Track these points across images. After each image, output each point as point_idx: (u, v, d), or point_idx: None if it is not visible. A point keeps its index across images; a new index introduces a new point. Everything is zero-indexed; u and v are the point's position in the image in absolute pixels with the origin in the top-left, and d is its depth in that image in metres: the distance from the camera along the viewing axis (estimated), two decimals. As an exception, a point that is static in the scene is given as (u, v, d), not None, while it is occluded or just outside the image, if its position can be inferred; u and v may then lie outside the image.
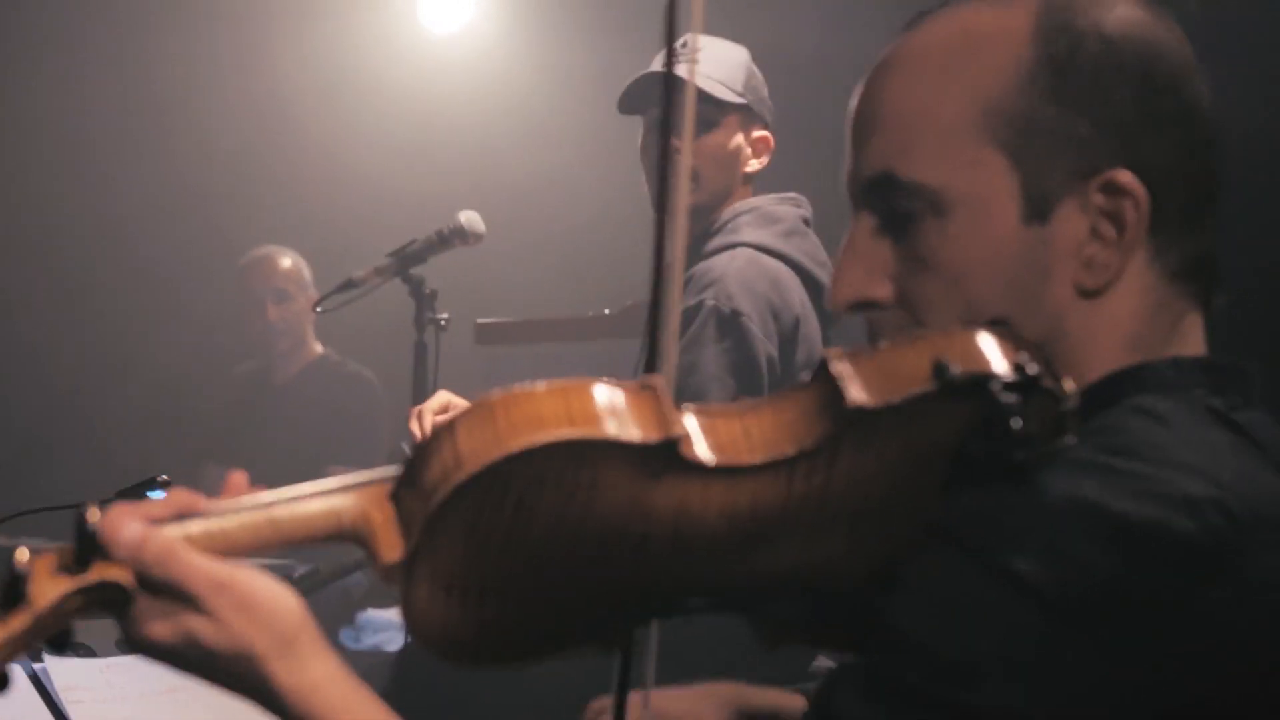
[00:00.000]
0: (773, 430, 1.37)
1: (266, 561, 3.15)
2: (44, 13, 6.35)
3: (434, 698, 3.30)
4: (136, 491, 1.84)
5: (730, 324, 3.47)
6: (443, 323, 4.27)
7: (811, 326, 3.62)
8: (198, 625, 1.32)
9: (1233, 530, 1.30)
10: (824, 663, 3.63)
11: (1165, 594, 1.27)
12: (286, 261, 6.02)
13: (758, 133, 3.76)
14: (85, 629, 2.31)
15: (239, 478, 1.42)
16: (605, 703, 1.98)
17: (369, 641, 4.78)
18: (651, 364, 1.49)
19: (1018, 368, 1.33)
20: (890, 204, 1.48)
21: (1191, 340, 1.51)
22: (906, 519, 1.40)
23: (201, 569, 1.32)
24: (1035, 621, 1.27)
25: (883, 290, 1.49)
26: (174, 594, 1.32)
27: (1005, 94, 1.45)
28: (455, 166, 3.86)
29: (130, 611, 1.33)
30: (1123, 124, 1.44)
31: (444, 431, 1.33)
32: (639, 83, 3.71)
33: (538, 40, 6.13)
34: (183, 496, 1.38)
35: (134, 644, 1.34)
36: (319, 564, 4.40)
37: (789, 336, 3.56)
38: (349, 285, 4.38)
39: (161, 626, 1.33)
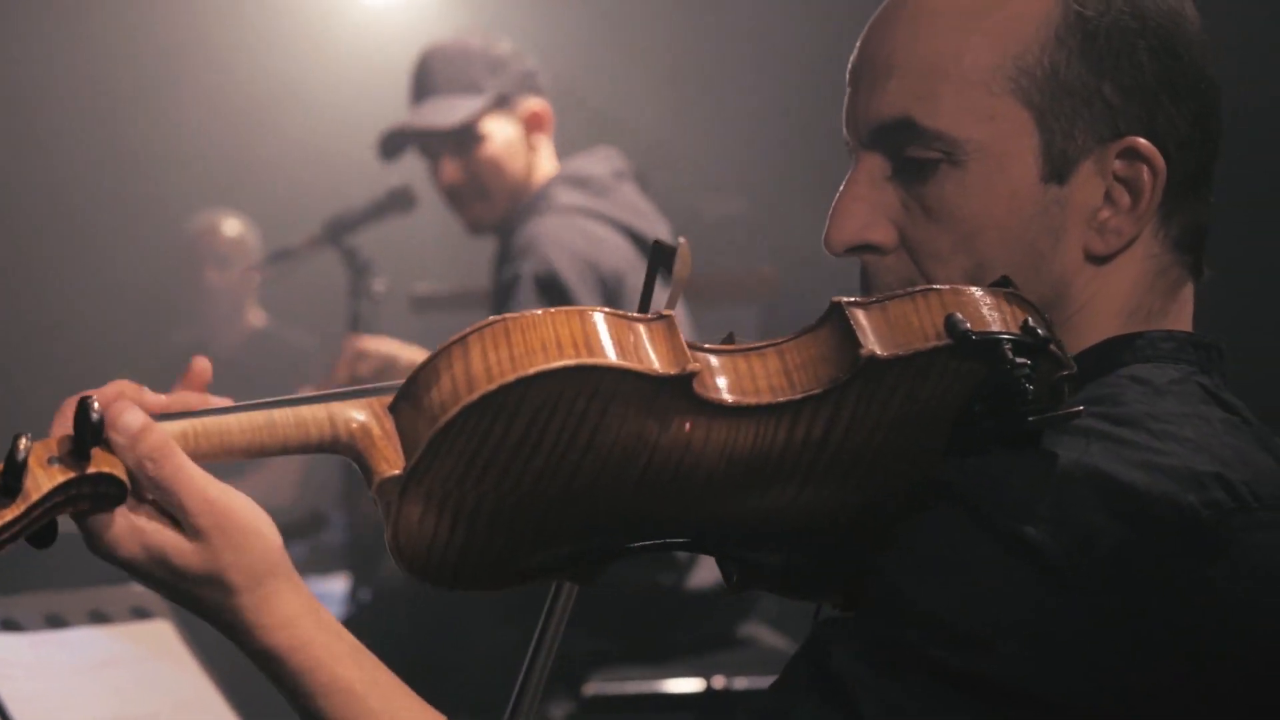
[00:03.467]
0: (780, 372, 1.35)
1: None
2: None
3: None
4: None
5: (550, 285, 3.49)
6: (378, 292, 4.25)
7: (638, 278, 3.60)
8: (173, 542, 1.29)
9: (1235, 506, 1.29)
10: (753, 628, 3.67)
11: (1169, 566, 1.26)
12: (228, 227, 6.00)
13: (528, 108, 3.76)
14: (12, 604, 2.28)
15: (204, 364, 1.40)
16: None
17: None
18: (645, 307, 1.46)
19: (1028, 329, 1.33)
20: (903, 150, 1.45)
21: (1185, 312, 1.50)
22: (902, 475, 1.39)
23: (193, 478, 1.28)
24: (1042, 588, 1.26)
25: (885, 235, 1.46)
26: (161, 496, 1.29)
27: (1032, 48, 1.42)
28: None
29: (109, 516, 1.29)
30: (1145, 90, 1.42)
31: (455, 348, 1.28)
32: (386, 139, 3.82)
33: (474, 11, 6.11)
34: (127, 387, 1.34)
35: (101, 551, 1.30)
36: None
37: (613, 291, 3.57)
38: (284, 254, 4.37)
39: (136, 538, 1.29)
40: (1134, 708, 1.28)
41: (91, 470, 1.27)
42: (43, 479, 1.25)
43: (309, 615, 1.32)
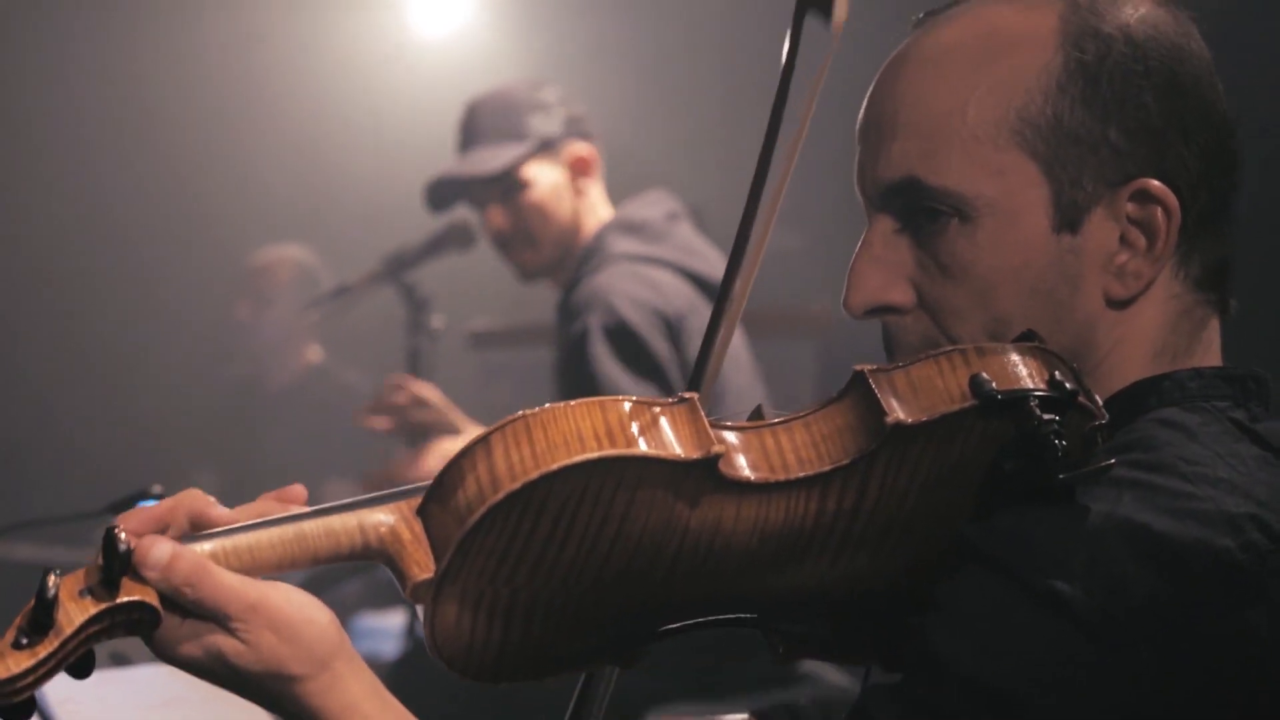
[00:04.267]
0: (807, 446, 1.34)
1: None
2: (41, 12, 6.32)
3: (431, 707, 3.29)
4: (129, 504, 1.78)
5: (620, 334, 3.48)
6: (436, 329, 4.25)
7: (701, 318, 3.60)
8: (229, 645, 1.30)
9: (1272, 548, 1.28)
10: (814, 664, 3.65)
11: (1208, 613, 1.26)
12: (279, 264, 6.01)
13: (574, 153, 3.75)
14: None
15: (300, 490, 1.41)
16: None
17: (364, 648, 4.75)
18: (692, 383, 1.47)
19: (1055, 384, 1.32)
20: (913, 209, 1.44)
21: (1212, 349, 1.49)
22: (936, 535, 1.38)
23: (233, 589, 1.29)
24: (1079, 645, 1.25)
25: (903, 295, 1.46)
26: (204, 614, 1.30)
27: (1035, 99, 1.42)
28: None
29: (157, 632, 1.30)
30: (1152, 131, 1.42)
31: (479, 448, 1.29)
32: (432, 189, 3.80)
33: (527, 47, 6.13)
34: (191, 498, 1.35)
35: (161, 654, 1.31)
36: (315, 569, 4.37)
37: (677, 332, 3.55)
38: (343, 291, 4.39)
39: (190, 647, 1.30)
40: None
41: (123, 599, 1.28)
42: (75, 612, 1.26)
43: (372, 699, 1.34)
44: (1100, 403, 1.35)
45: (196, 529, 1.34)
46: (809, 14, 1.46)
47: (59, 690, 1.98)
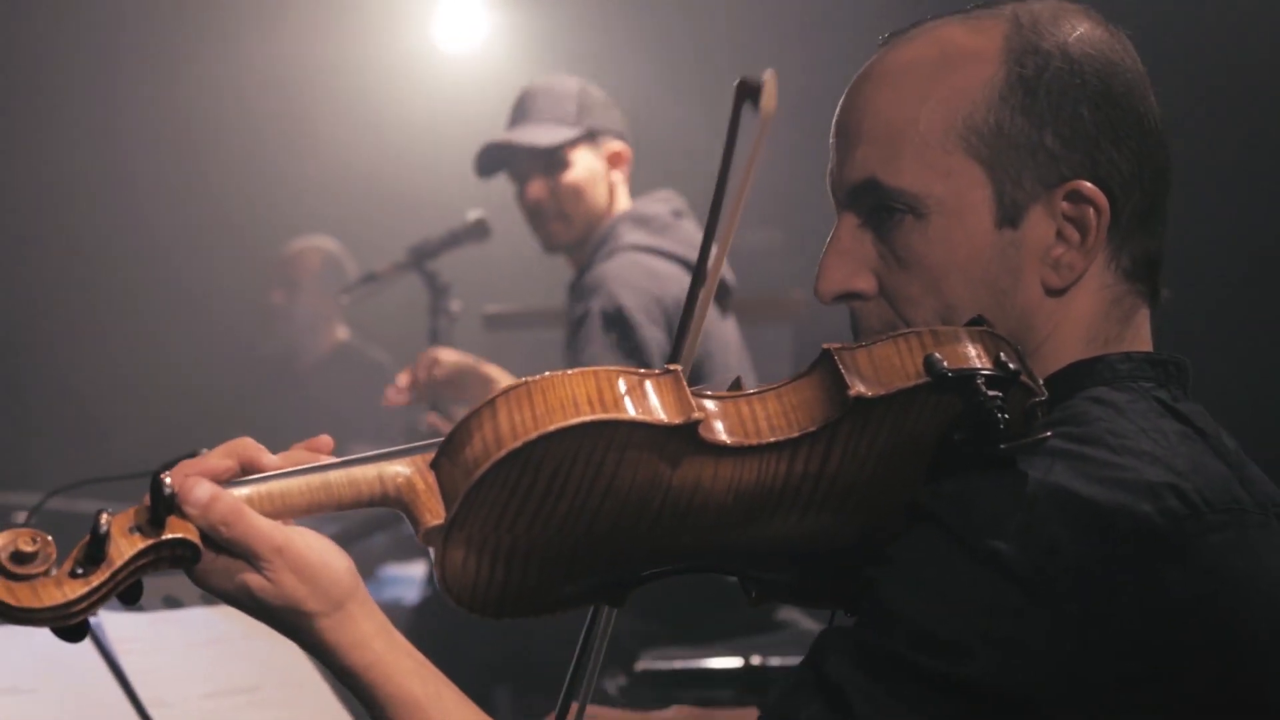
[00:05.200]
0: (778, 414, 1.37)
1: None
2: (85, 17, 6.33)
3: (447, 645, 3.35)
4: (175, 465, 1.82)
5: (615, 320, 3.51)
6: (454, 311, 4.27)
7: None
8: (256, 581, 1.33)
9: (1187, 513, 1.31)
10: (790, 612, 3.69)
11: (1129, 572, 1.28)
12: (309, 253, 6.01)
13: (611, 148, 3.78)
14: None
15: (327, 440, 1.43)
16: None
17: (388, 594, 4.79)
18: (675, 356, 1.51)
19: (1000, 364, 1.34)
20: (874, 207, 1.47)
21: (1141, 334, 1.51)
22: (893, 499, 1.40)
23: (263, 531, 1.32)
24: (1014, 598, 1.27)
25: (865, 283, 1.49)
26: (237, 552, 1.32)
27: (979, 109, 1.44)
28: (470, 172, 3.86)
29: (197, 566, 1.33)
30: (1086, 137, 1.44)
31: (485, 409, 1.32)
32: (484, 152, 3.80)
33: (541, 61, 6.13)
34: (244, 445, 1.38)
35: (199, 585, 1.35)
36: (346, 523, 4.41)
37: (673, 319, 3.56)
38: (370, 278, 4.39)
39: (224, 580, 1.34)
40: (1107, 706, 1.29)
41: (167, 536, 1.31)
42: (125, 546, 1.30)
43: (380, 636, 1.36)
44: (1040, 381, 1.37)
45: (246, 473, 1.37)
46: (745, 104, 1.51)
47: (118, 629, 1.99)
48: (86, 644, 1.88)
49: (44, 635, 1.34)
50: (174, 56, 6.43)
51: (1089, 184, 1.43)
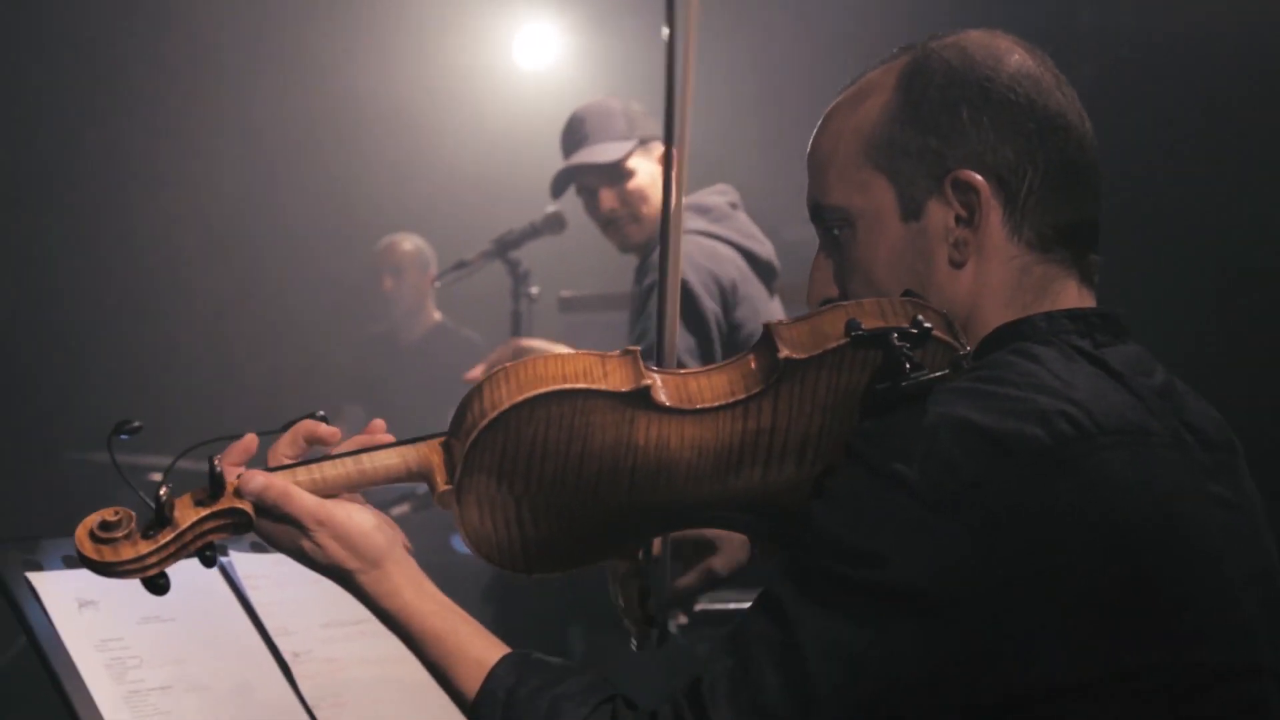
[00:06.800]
0: (727, 382, 1.43)
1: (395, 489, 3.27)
2: (222, 30, 6.38)
3: (526, 592, 3.35)
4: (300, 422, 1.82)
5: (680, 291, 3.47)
6: (534, 295, 4.27)
7: (751, 286, 3.62)
8: (305, 544, 1.44)
9: (1078, 436, 1.33)
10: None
11: (1020, 484, 1.30)
12: (407, 245, 6.05)
13: (660, 150, 3.73)
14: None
15: (380, 423, 1.54)
16: None
17: (463, 559, 4.80)
18: (660, 341, 1.59)
19: (915, 323, 1.40)
20: (824, 225, 1.55)
21: (1063, 296, 1.52)
22: (842, 446, 1.43)
23: (307, 507, 1.43)
24: (919, 513, 1.30)
25: (832, 290, 1.55)
26: (289, 523, 1.43)
27: (879, 128, 1.51)
28: (546, 171, 3.85)
29: (256, 530, 1.44)
30: (965, 135, 1.48)
31: (475, 391, 1.41)
32: (557, 177, 3.81)
33: (607, 77, 6.13)
34: (306, 425, 1.50)
35: (266, 541, 1.46)
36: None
37: (729, 295, 3.56)
38: (460, 265, 4.39)
39: (282, 541, 1.45)
40: (1010, 604, 1.30)
41: (223, 505, 1.41)
42: (190, 513, 1.40)
43: (408, 586, 1.45)
44: (962, 339, 1.43)
45: (310, 443, 1.50)
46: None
47: (246, 567, 1.99)
48: (219, 580, 1.88)
49: (184, 573, 1.42)
50: (305, 76, 6.49)
51: (966, 171, 1.47)
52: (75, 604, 1.69)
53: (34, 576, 1.70)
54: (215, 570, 1.45)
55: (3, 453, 5.83)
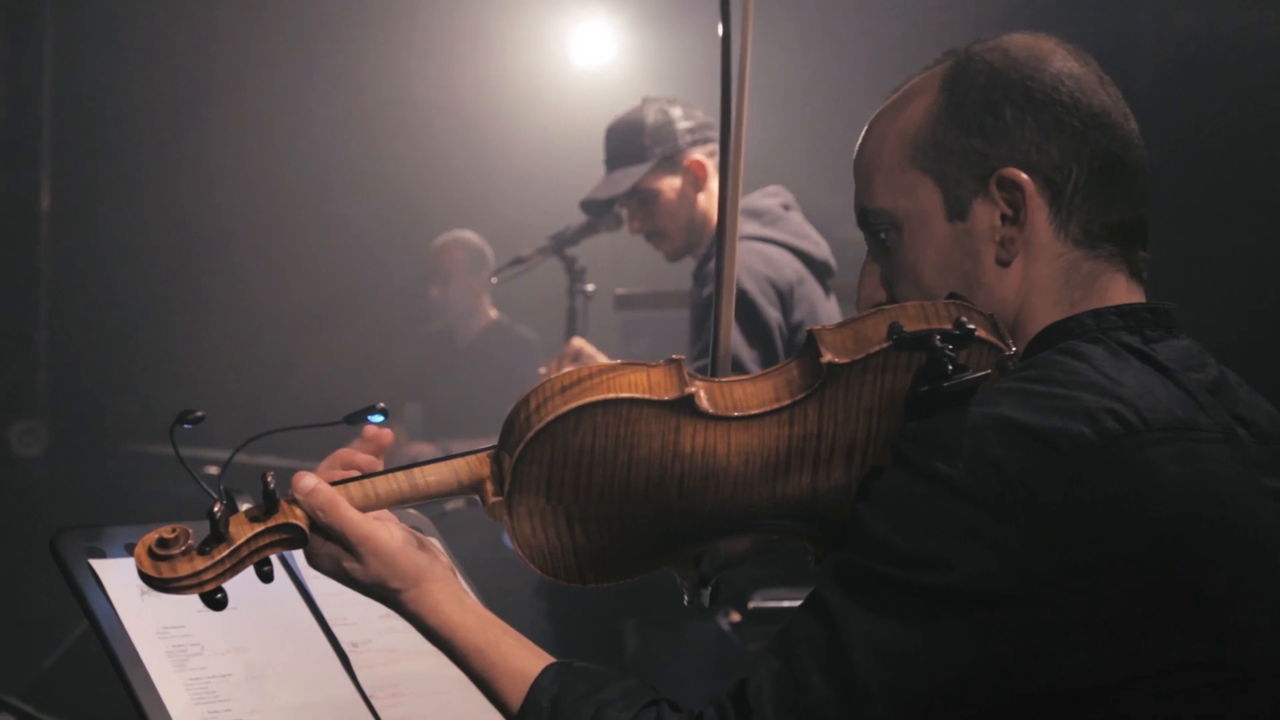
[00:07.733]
0: (771, 388, 1.42)
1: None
2: (280, 33, 6.44)
3: (580, 589, 3.35)
4: (361, 415, 1.84)
5: (738, 304, 3.43)
6: (589, 292, 4.27)
7: (807, 287, 3.59)
8: (350, 564, 1.46)
9: (1125, 433, 1.32)
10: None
11: (1067, 485, 1.29)
12: (465, 244, 6.06)
13: (691, 157, 3.71)
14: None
15: (377, 430, 1.57)
16: None
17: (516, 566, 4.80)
18: (715, 349, 1.55)
19: (958, 324, 1.39)
20: (871, 229, 1.56)
21: (1111, 292, 1.51)
22: (889, 450, 1.42)
23: (352, 521, 1.44)
24: (961, 511, 1.30)
25: (882, 293, 1.56)
26: (333, 537, 1.44)
27: (922, 131, 1.52)
28: (602, 169, 3.85)
29: (307, 549, 1.44)
30: (1009, 134, 1.48)
31: (522, 402, 1.41)
32: (582, 206, 3.87)
33: (659, 74, 6.13)
34: (341, 454, 1.53)
35: (310, 563, 1.48)
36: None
37: (788, 298, 3.54)
38: (517, 261, 4.40)
39: (327, 561, 1.46)
40: (1058, 599, 1.30)
41: (278, 520, 1.41)
42: (245, 529, 1.41)
43: (449, 602, 1.47)
44: (1008, 340, 1.43)
45: (345, 468, 1.51)
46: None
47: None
48: (279, 570, 1.89)
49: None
50: (365, 77, 6.56)
51: (1011, 170, 1.48)
52: (138, 591, 1.70)
53: (97, 564, 1.71)
54: (275, 559, 1.46)
55: (65, 445, 5.91)
